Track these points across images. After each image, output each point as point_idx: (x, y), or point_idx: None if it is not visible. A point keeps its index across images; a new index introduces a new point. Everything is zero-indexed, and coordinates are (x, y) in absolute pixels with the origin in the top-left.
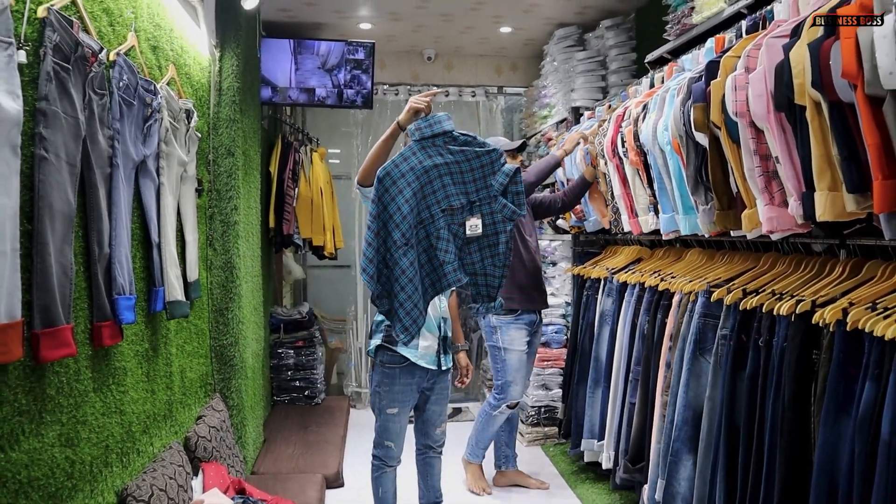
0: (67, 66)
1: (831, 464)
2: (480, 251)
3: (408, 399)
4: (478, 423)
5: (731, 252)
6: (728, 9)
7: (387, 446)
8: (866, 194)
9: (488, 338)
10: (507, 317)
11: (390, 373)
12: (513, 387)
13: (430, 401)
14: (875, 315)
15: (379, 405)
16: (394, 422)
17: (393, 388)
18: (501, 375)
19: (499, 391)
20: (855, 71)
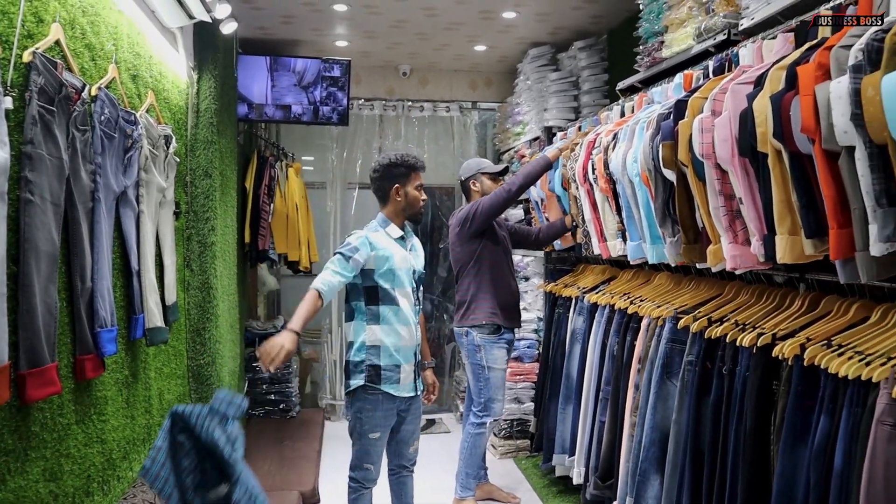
0: (52, 107)
1: (789, 491)
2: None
3: (389, 423)
4: (464, 452)
5: (698, 278)
6: (696, 46)
7: (366, 469)
8: (824, 239)
9: (471, 356)
10: (490, 336)
11: (373, 399)
12: (496, 403)
13: (406, 421)
14: (830, 352)
15: (360, 430)
16: (375, 446)
17: (375, 413)
18: (485, 393)
19: (481, 409)
20: (813, 127)
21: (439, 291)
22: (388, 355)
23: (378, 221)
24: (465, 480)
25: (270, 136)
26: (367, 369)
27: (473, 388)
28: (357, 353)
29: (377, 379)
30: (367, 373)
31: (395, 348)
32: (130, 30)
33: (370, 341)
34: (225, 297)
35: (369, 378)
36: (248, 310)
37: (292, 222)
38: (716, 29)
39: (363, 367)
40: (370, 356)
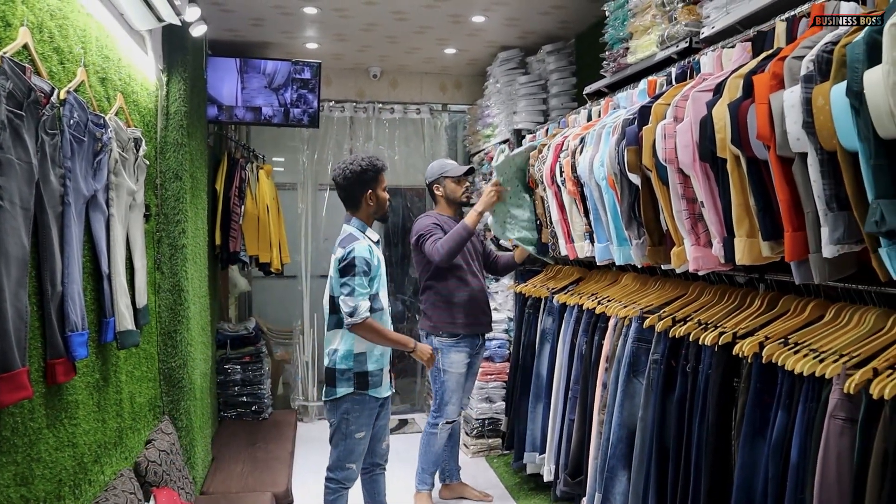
0: (21, 112)
1: (749, 484)
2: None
3: (372, 422)
4: (421, 447)
5: (663, 279)
6: (660, 53)
7: (348, 469)
8: (780, 241)
9: None
10: (449, 340)
11: (360, 399)
12: (449, 406)
13: (379, 416)
14: (787, 349)
15: (346, 430)
16: (360, 445)
17: (363, 414)
18: (439, 395)
19: (436, 409)
20: (768, 134)
21: (411, 292)
22: (375, 360)
23: (356, 227)
24: (422, 475)
25: (241, 137)
26: (355, 377)
27: (433, 389)
28: (343, 361)
29: (365, 385)
30: (354, 380)
31: (380, 352)
32: (99, 33)
33: (358, 349)
34: (196, 300)
35: (358, 385)
36: (219, 312)
37: (263, 224)
38: (678, 37)
39: (350, 374)
40: (358, 364)
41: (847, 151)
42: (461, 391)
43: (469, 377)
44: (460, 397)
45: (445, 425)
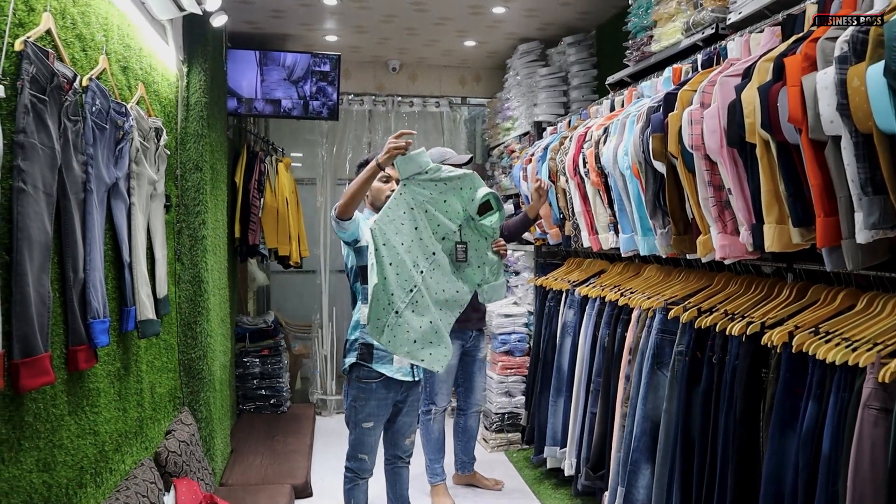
0: (44, 97)
1: (778, 476)
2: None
3: (383, 413)
4: (421, 439)
5: (687, 270)
6: (685, 40)
7: (361, 459)
8: (811, 228)
9: None
10: None
11: (367, 387)
12: (439, 395)
13: (402, 412)
14: (818, 339)
15: (355, 419)
16: (369, 435)
17: (369, 402)
18: (429, 385)
19: (427, 398)
20: (800, 117)
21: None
22: None
23: (365, 214)
24: (431, 467)
25: (260, 131)
26: (360, 347)
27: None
28: (352, 332)
29: (369, 357)
30: (359, 350)
31: None
32: (121, 21)
33: (364, 320)
34: (216, 291)
35: (361, 356)
36: (238, 305)
37: (282, 217)
38: (704, 23)
39: (357, 345)
40: (363, 334)
41: (884, 133)
42: (450, 381)
43: (476, 370)
44: (449, 386)
45: (438, 413)
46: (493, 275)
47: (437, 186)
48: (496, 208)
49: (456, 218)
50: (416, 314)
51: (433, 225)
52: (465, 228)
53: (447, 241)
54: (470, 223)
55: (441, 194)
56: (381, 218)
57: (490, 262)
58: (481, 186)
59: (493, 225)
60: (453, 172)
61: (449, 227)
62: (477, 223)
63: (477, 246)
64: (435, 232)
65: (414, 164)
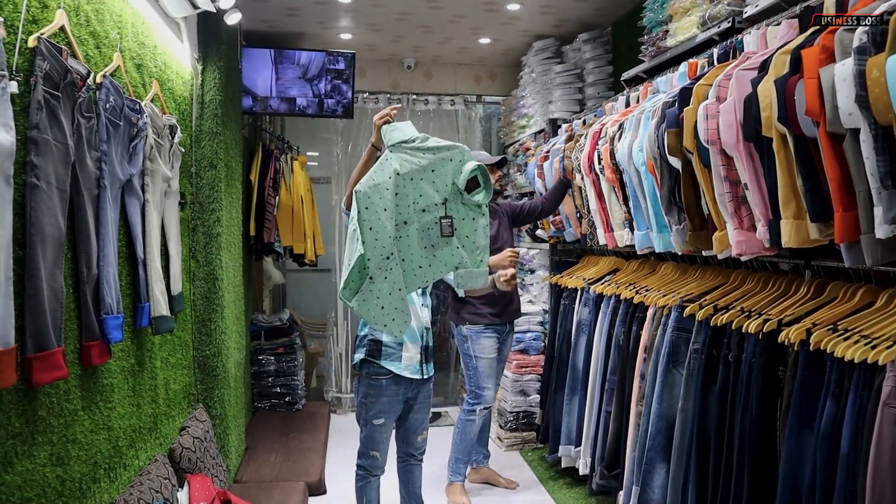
0: (57, 93)
1: (795, 475)
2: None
3: (394, 409)
4: (455, 437)
5: (703, 267)
6: (701, 35)
7: (372, 456)
8: (829, 223)
9: (461, 346)
10: (477, 327)
11: (376, 384)
12: (486, 391)
13: (413, 409)
14: (836, 336)
15: (365, 416)
16: (380, 432)
17: (379, 399)
18: (474, 382)
19: (472, 396)
20: (817, 110)
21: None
22: None
23: None
24: (455, 466)
25: (275, 129)
26: (369, 343)
27: (465, 376)
28: (362, 328)
29: (377, 354)
30: (368, 347)
31: None
32: (135, 19)
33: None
34: (230, 289)
35: (370, 352)
36: (253, 302)
37: (297, 215)
38: (720, 17)
39: (366, 341)
40: (372, 330)
41: None
42: (496, 376)
43: (498, 362)
44: (496, 383)
45: (483, 411)
46: (473, 261)
47: (424, 155)
48: (483, 185)
49: (443, 190)
50: (388, 281)
51: (414, 195)
52: (452, 203)
53: (427, 213)
54: (458, 197)
55: (429, 164)
56: (366, 181)
57: (471, 246)
58: (470, 161)
59: (481, 202)
60: (441, 143)
61: (432, 198)
62: (465, 198)
63: (461, 224)
64: (415, 202)
65: (398, 133)
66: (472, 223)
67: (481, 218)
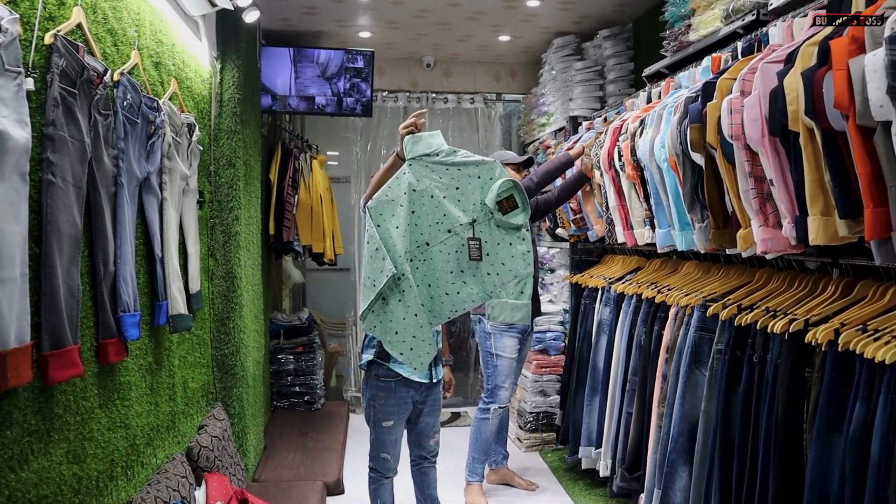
0: (74, 90)
1: (823, 480)
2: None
3: (402, 412)
4: (472, 436)
5: (727, 266)
6: (724, 28)
7: (383, 458)
8: (858, 219)
9: (482, 342)
10: (501, 325)
11: (385, 386)
12: (502, 391)
13: (424, 413)
14: (865, 337)
15: (374, 418)
16: (389, 434)
17: (388, 401)
18: (492, 380)
19: (488, 395)
20: (847, 102)
21: None
22: None
23: None
24: (472, 465)
25: (295, 128)
26: (378, 344)
27: (484, 374)
28: None
29: (386, 356)
30: (377, 348)
31: None
32: (153, 17)
33: None
34: (249, 288)
35: (379, 354)
36: (273, 301)
37: (316, 214)
38: (744, 10)
39: (375, 342)
40: None
41: None
42: (514, 376)
43: (517, 362)
44: (513, 382)
45: (498, 410)
46: (510, 292)
47: (448, 171)
48: (521, 206)
49: (470, 210)
50: (402, 304)
51: (438, 214)
52: (483, 224)
53: (454, 234)
54: (489, 219)
55: (453, 180)
56: (380, 196)
57: (507, 275)
58: (502, 177)
59: (521, 223)
60: (469, 158)
61: (458, 218)
62: (499, 219)
63: (495, 249)
64: (438, 221)
65: (422, 144)
66: (508, 248)
67: (520, 244)
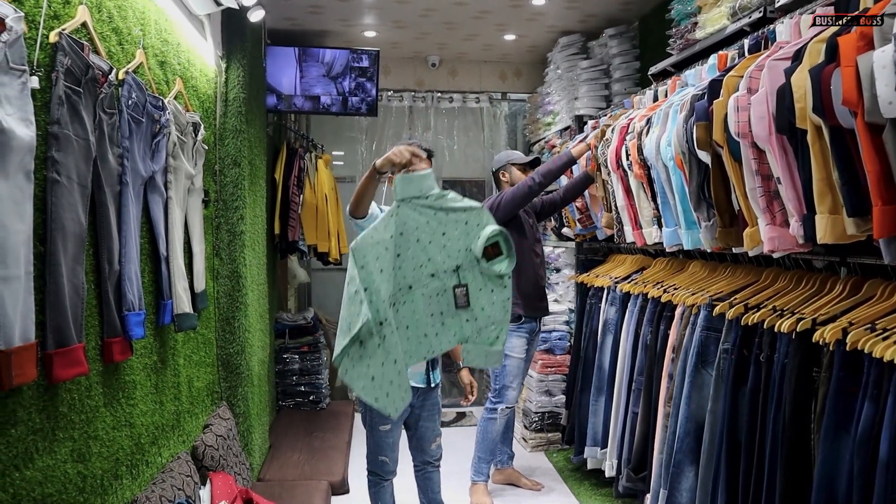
0: (78, 88)
1: (831, 481)
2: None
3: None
4: (478, 436)
5: (733, 265)
6: (731, 26)
7: (381, 461)
8: (866, 218)
9: None
10: (510, 324)
11: None
12: (510, 391)
13: (422, 418)
14: (874, 336)
15: (370, 422)
16: (386, 437)
17: None
18: (500, 380)
19: (496, 395)
20: (855, 99)
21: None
22: None
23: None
24: (478, 465)
25: (300, 127)
26: None
27: (491, 375)
28: None
29: None
30: None
31: None
32: (158, 16)
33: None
34: (254, 287)
35: None
36: (278, 301)
37: (322, 214)
38: (751, 7)
39: None
40: None
41: None
42: (521, 376)
43: (524, 362)
44: (520, 382)
45: (505, 410)
46: (485, 337)
47: (436, 215)
48: (506, 253)
49: (455, 255)
50: (382, 349)
51: (422, 258)
52: (467, 271)
53: (436, 279)
54: (474, 265)
55: (440, 225)
56: (364, 238)
57: (485, 320)
58: (490, 224)
59: (503, 272)
60: (458, 203)
61: (442, 263)
62: (483, 266)
63: (477, 294)
64: (422, 265)
65: (414, 187)
66: (489, 295)
67: (501, 290)
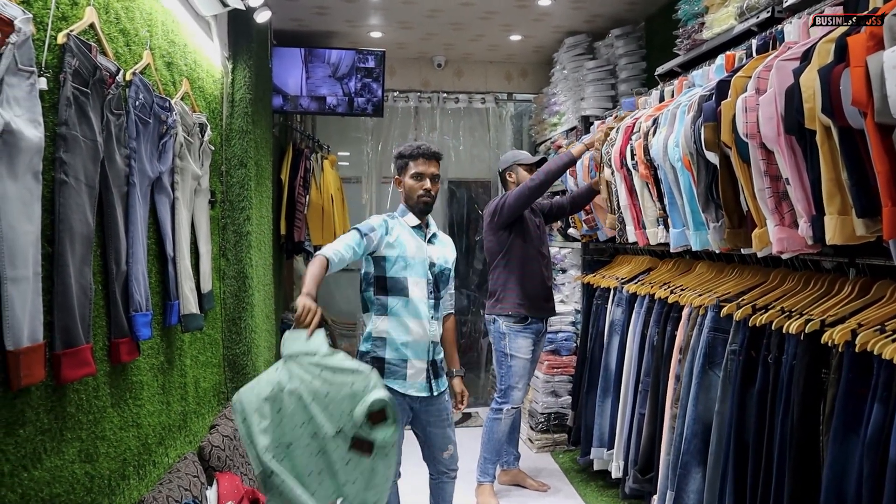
0: (86, 90)
1: (840, 483)
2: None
3: (401, 418)
4: (484, 436)
5: (741, 266)
6: (738, 26)
7: None
8: (876, 219)
9: (496, 343)
10: (516, 325)
11: None
12: (515, 391)
13: (429, 423)
14: (884, 337)
15: None
16: None
17: None
18: (505, 380)
19: (501, 395)
20: (865, 99)
21: (475, 285)
22: (395, 349)
23: (398, 211)
24: (484, 466)
25: (306, 128)
26: (372, 362)
27: (497, 375)
28: (364, 344)
29: (381, 372)
30: (371, 365)
31: (401, 342)
32: (165, 17)
33: (377, 332)
34: (260, 287)
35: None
36: (284, 301)
37: (328, 214)
38: (759, 7)
39: (367, 358)
40: (375, 348)
41: None
42: (527, 377)
43: (531, 363)
44: (526, 383)
45: (510, 411)
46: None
47: (321, 374)
48: (391, 420)
49: (337, 418)
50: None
51: (303, 416)
52: (349, 433)
53: (316, 440)
54: (356, 429)
55: (324, 384)
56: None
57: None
58: (375, 388)
59: (386, 441)
60: (346, 364)
61: (322, 426)
62: (365, 433)
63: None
64: (303, 423)
65: (299, 344)
66: (370, 462)
67: (383, 458)
